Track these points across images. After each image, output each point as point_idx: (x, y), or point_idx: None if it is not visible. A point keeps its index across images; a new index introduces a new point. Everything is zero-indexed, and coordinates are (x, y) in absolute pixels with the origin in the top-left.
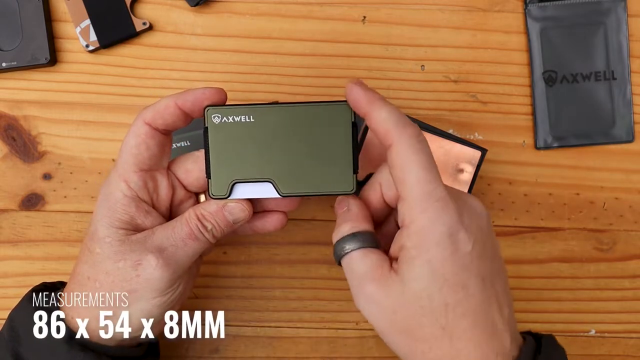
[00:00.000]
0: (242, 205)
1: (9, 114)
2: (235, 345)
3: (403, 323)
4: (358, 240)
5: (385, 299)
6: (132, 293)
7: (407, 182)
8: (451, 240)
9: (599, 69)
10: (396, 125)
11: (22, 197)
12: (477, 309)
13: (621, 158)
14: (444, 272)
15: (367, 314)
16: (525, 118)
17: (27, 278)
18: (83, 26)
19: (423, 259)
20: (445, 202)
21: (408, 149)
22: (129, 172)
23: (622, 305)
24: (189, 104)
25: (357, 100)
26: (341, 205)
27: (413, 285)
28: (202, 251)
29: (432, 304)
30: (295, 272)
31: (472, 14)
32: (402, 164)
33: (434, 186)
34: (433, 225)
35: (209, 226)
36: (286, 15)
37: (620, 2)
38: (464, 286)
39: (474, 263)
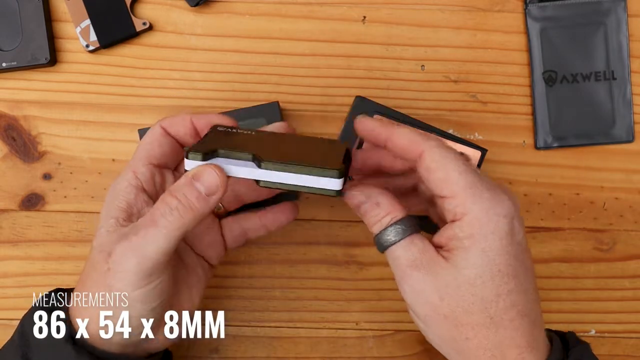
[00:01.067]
0: (212, 170)
1: (9, 114)
2: (235, 345)
3: (449, 309)
4: (400, 229)
5: (432, 285)
6: (108, 289)
7: (451, 178)
8: (506, 230)
9: (599, 69)
10: (420, 135)
11: (22, 197)
12: (524, 299)
13: (621, 158)
14: (498, 262)
15: (411, 300)
16: (525, 118)
17: (27, 278)
18: (83, 26)
19: (478, 248)
20: (496, 192)
21: (440, 151)
22: (138, 165)
23: (622, 305)
24: (202, 124)
25: (373, 129)
26: (361, 201)
27: (466, 273)
28: (171, 240)
29: (484, 293)
30: (295, 272)
31: (472, 14)
32: (440, 164)
33: (478, 177)
34: (487, 215)
35: (174, 203)
36: (286, 15)
37: (620, 2)
38: (516, 276)
39: (523, 254)
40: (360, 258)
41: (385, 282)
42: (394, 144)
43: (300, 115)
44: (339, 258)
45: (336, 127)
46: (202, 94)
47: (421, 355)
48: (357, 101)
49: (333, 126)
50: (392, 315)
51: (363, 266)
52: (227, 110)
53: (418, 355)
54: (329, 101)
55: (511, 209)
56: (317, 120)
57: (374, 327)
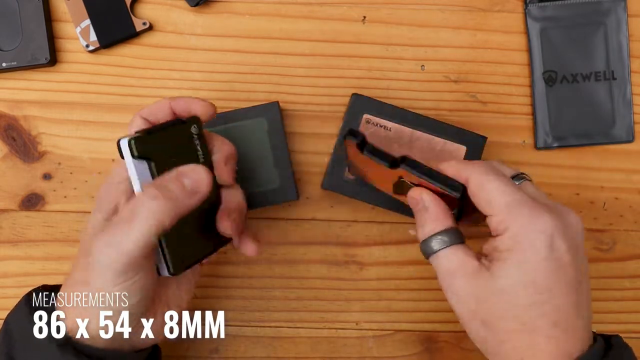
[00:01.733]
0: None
1: (9, 114)
2: (235, 345)
3: (485, 314)
4: (444, 239)
5: (471, 291)
6: (85, 285)
7: (493, 198)
8: (544, 245)
9: (599, 69)
10: (465, 164)
11: (22, 197)
12: (557, 310)
13: (621, 158)
14: (533, 275)
15: (453, 303)
16: (525, 118)
17: (27, 278)
18: (83, 26)
19: (514, 260)
20: (535, 208)
21: (482, 176)
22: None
23: (622, 305)
24: (180, 107)
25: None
26: (416, 202)
27: (501, 282)
28: (150, 235)
29: (517, 302)
30: (295, 272)
31: (472, 14)
32: (482, 187)
33: (518, 195)
34: (526, 231)
35: (153, 193)
36: (286, 15)
37: (620, 2)
38: (549, 289)
39: (561, 269)
40: (360, 258)
41: (385, 282)
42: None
43: (300, 115)
44: (338, 258)
45: (336, 127)
46: (202, 94)
47: (421, 355)
48: (354, 98)
49: (333, 126)
50: (392, 315)
51: (363, 266)
52: (227, 110)
53: (418, 355)
54: (328, 101)
55: (550, 225)
56: (317, 120)
57: (374, 327)
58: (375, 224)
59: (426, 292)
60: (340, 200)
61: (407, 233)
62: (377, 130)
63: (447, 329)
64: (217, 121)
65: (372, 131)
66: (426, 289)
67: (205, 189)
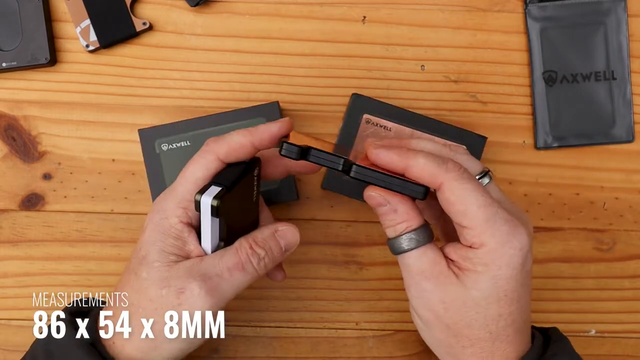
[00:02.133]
0: (292, 227)
1: (9, 114)
2: (235, 345)
3: (451, 320)
4: (415, 238)
5: (439, 296)
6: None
7: (469, 211)
8: (519, 262)
9: (599, 69)
10: (438, 165)
11: (22, 197)
12: (521, 317)
13: (621, 158)
14: (505, 288)
15: (416, 304)
16: (525, 118)
17: (27, 278)
18: (83, 26)
19: (489, 275)
20: (511, 224)
21: (459, 183)
22: (189, 201)
23: (622, 305)
24: (266, 142)
25: (388, 162)
26: (379, 203)
27: (473, 294)
28: (247, 284)
29: (487, 312)
30: (295, 272)
31: (472, 14)
32: (459, 197)
33: (495, 209)
34: (503, 248)
35: (262, 253)
36: (286, 15)
37: (620, 2)
38: (519, 300)
39: (528, 278)
40: (360, 258)
41: (385, 282)
42: (411, 175)
43: (300, 115)
44: (339, 258)
45: (336, 127)
46: (202, 94)
47: (421, 355)
48: (354, 98)
49: (333, 126)
50: (392, 315)
51: (363, 266)
52: (227, 110)
53: (418, 355)
54: (329, 101)
55: (526, 241)
56: (317, 120)
57: (374, 327)
58: (375, 224)
59: None
60: (340, 200)
61: None
62: (377, 130)
63: None
64: (217, 121)
65: (372, 131)
66: None
67: (296, 246)
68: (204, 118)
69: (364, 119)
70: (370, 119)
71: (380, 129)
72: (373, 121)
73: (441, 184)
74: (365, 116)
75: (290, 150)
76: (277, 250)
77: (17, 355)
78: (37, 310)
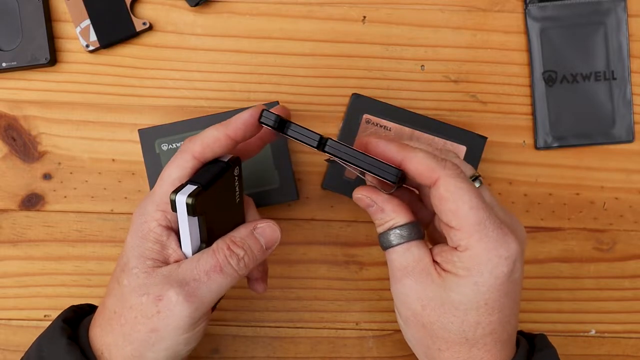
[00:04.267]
0: (274, 225)
1: (9, 114)
2: (235, 345)
3: (428, 319)
4: (399, 234)
5: (418, 294)
6: (154, 332)
7: (461, 211)
8: (505, 271)
9: (599, 69)
10: (437, 161)
11: (22, 197)
12: (503, 327)
13: (621, 158)
14: (487, 297)
15: (397, 301)
16: (525, 118)
17: (27, 278)
18: (83, 26)
19: (471, 280)
20: (500, 231)
21: (455, 181)
22: (167, 203)
23: (622, 305)
24: (241, 132)
25: (386, 153)
26: (367, 204)
27: (452, 296)
28: (228, 287)
29: (465, 318)
30: (295, 272)
31: (472, 14)
32: (453, 196)
33: (487, 213)
34: (488, 255)
35: (241, 253)
36: (286, 15)
37: (620, 2)
38: (501, 310)
39: (514, 289)
40: (360, 258)
41: (385, 282)
42: (408, 169)
43: (300, 115)
44: (338, 258)
45: (336, 127)
46: (202, 94)
47: None
48: (354, 98)
49: (333, 125)
50: (392, 315)
51: (363, 266)
52: (227, 110)
53: None
54: (329, 101)
55: (515, 250)
56: (317, 120)
57: (374, 327)
58: None
59: None
60: (340, 200)
61: None
62: (377, 130)
63: None
64: (217, 121)
65: (372, 131)
66: None
67: (276, 244)
68: (204, 118)
69: (364, 119)
70: (370, 119)
71: (380, 129)
72: (373, 121)
73: (437, 179)
74: (365, 116)
75: (268, 118)
76: (257, 249)
77: (17, 355)
78: (39, 310)
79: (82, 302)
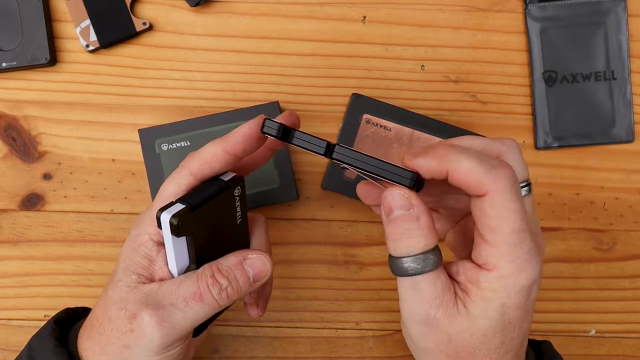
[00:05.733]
0: (263, 256)
1: (9, 114)
2: (235, 345)
3: (455, 349)
4: (431, 260)
5: (446, 328)
6: (126, 348)
7: (501, 231)
8: (529, 291)
9: (599, 69)
10: (487, 171)
11: (22, 197)
12: (521, 342)
13: (621, 158)
14: (512, 316)
15: (416, 332)
16: (525, 118)
17: (27, 278)
18: (83, 26)
19: (499, 303)
20: (532, 254)
21: (504, 200)
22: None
23: (622, 305)
24: (240, 146)
25: (428, 167)
26: (400, 206)
27: (481, 323)
28: (207, 316)
29: (492, 342)
30: (295, 272)
31: (472, 14)
32: (498, 214)
33: (524, 236)
34: (518, 276)
35: (224, 283)
36: (286, 15)
37: (620, 2)
38: (520, 327)
39: (531, 306)
40: (360, 258)
41: (385, 282)
42: (454, 180)
43: (300, 115)
44: (338, 258)
45: (336, 127)
46: (202, 94)
47: None
48: (354, 98)
49: (333, 126)
50: (392, 315)
51: (363, 266)
52: (227, 110)
53: None
54: (329, 101)
55: (538, 271)
56: (317, 120)
57: (374, 327)
58: (375, 224)
59: None
60: (340, 200)
61: None
62: (377, 130)
63: None
64: (217, 121)
65: (372, 131)
66: None
67: (266, 278)
68: (204, 118)
69: (364, 119)
70: (370, 119)
71: (380, 129)
72: (373, 121)
73: (487, 193)
74: (365, 116)
75: (271, 127)
76: (243, 280)
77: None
78: (39, 310)
79: (82, 302)
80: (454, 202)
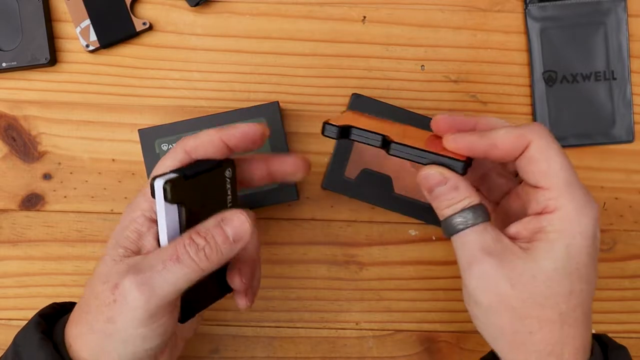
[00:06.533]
0: (243, 216)
1: (9, 114)
2: (235, 345)
3: (517, 300)
4: (474, 215)
5: (505, 273)
6: (110, 322)
7: (552, 170)
8: (591, 232)
9: (599, 69)
10: (523, 127)
11: (22, 197)
12: (588, 302)
13: (621, 158)
14: (578, 261)
15: (477, 286)
16: (525, 118)
17: (27, 278)
18: (83, 26)
19: (563, 243)
20: (588, 194)
21: (547, 141)
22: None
23: (622, 305)
24: (235, 140)
25: (472, 147)
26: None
27: (544, 265)
28: (188, 280)
29: (558, 289)
30: (295, 272)
31: (472, 14)
32: (544, 156)
33: (574, 174)
34: (579, 214)
35: (201, 243)
36: (286, 15)
37: (620, 2)
38: (588, 279)
39: (596, 259)
40: (360, 258)
41: (385, 282)
42: (498, 151)
43: (300, 115)
44: (338, 258)
45: None
46: (202, 94)
47: (421, 355)
48: (354, 98)
49: None
50: (392, 315)
51: (363, 266)
52: (227, 110)
53: (418, 355)
54: (329, 101)
55: (597, 210)
56: (317, 120)
57: (374, 327)
58: (375, 224)
59: (426, 292)
60: (340, 200)
61: (407, 233)
62: None
63: (447, 329)
64: (217, 121)
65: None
66: (426, 289)
67: (247, 237)
68: (204, 118)
69: None
70: None
71: None
72: None
73: (531, 142)
74: None
75: (331, 131)
76: (221, 240)
77: None
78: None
79: None
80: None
